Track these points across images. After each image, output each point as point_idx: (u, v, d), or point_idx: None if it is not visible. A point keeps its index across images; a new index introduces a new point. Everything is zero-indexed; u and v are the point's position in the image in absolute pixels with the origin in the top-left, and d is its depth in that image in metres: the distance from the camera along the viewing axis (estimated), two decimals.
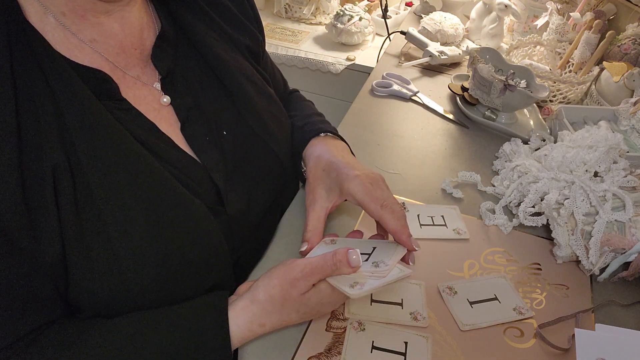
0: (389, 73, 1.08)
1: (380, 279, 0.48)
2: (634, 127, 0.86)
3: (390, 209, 0.55)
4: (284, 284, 0.50)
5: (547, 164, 0.74)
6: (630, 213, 0.62)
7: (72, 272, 0.46)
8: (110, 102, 0.51)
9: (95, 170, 0.46)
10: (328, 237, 0.59)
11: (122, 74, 0.54)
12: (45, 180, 0.44)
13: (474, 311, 0.59)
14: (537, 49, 1.14)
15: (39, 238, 0.44)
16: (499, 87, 0.88)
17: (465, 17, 1.38)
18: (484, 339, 0.56)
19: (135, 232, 0.47)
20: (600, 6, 1.12)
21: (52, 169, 0.44)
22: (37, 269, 0.45)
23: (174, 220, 0.50)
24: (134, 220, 0.47)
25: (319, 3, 1.62)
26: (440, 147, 0.88)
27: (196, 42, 0.61)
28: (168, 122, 0.57)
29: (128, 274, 0.47)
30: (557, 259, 0.66)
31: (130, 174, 0.48)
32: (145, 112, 0.54)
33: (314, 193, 0.61)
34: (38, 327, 0.47)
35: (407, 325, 0.57)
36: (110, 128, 0.48)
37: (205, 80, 0.61)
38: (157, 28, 0.59)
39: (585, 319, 0.59)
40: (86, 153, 0.46)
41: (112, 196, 0.47)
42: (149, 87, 0.56)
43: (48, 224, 0.44)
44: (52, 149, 0.45)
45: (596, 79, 1.00)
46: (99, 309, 0.49)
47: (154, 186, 0.49)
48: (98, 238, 0.46)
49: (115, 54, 0.54)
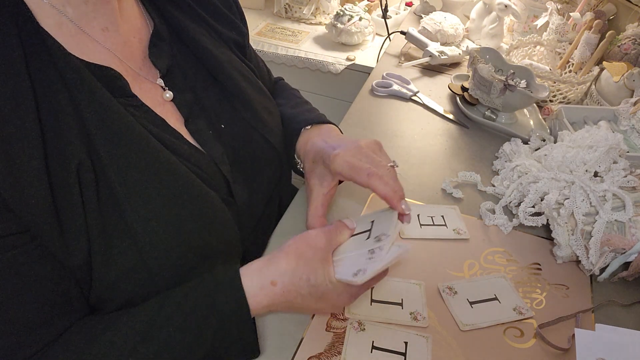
0: (389, 73, 1.08)
1: (380, 262, 0.47)
2: (634, 127, 0.86)
3: (377, 176, 0.54)
4: (300, 244, 0.51)
5: (547, 164, 0.74)
6: (630, 213, 0.62)
7: (96, 269, 0.46)
8: (123, 99, 0.51)
9: (116, 167, 0.46)
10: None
11: (128, 68, 0.54)
12: (71, 181, 0.44)
13: (474, 311, 0.59)
14: (537, 49, 1.14)
15: (67, 240, 0.44)
16: (499, 87, 0.88)
17: (465, 17, 1.38)
18: (484, 339, 0.56)
19: (159, 226, 0.48)
20: (600, 6, 1.12)
21: (77, 169, 0.45)
22: (65, 273, 0.45)
23: (194, 212, 0.51)
24: (157, 215, 0.48)
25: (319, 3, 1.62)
26: (440, 147, 0.88)
27: (187, 39, 0.61)
28: (174, 117, 0.57)
29: (153, 268, 0.48)
30: (557, 259, 0.66)
31: (150, 169, 0.48)
32: (152, 107, 0.54)
33: (309, 185, 0.63)
34: (65, 331, 0.47)
35: (407, 325, 0.57)
36: (127, 125, 0.48)
37: (199, 75, 0.62)
38: (150, 26, 0.59)
39: (585, 319, 0.59)
40: (106, 151, 0.46)
41: (133, 192, 0.47)
42: (152, 83, 0.57)
43: (76, 226, 0.44)
44: (75, 148, 0.45)
45: (596, 79, 1.00)
46: (119, 305, 0.49)
47: (173, 181, 0.50)
48: (122, 234, 0.46)
49: (122, 46, 0.54)
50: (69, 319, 0.47)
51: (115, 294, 0.48)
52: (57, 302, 0.45)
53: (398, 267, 0.64)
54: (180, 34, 0.61)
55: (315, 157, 0.63)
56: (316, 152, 0.63)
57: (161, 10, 0.61)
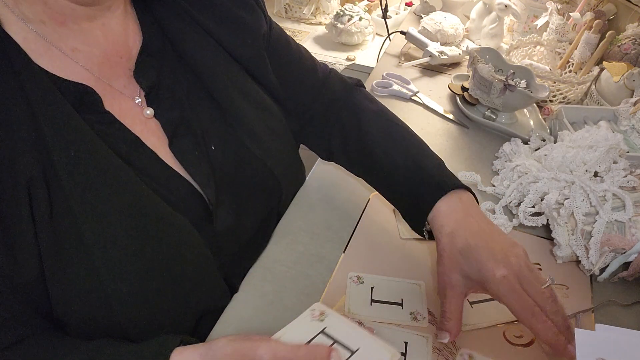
0: (389, 73, 1.08)
1: None
2: (634, 127, 0.86)
3: (542, 319, 0.48)
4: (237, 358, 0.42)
5: (547, 164, 0.74)
6: (630, 213, 0.62)
7: (51, 287, 0.45)
8: (91, 115, 0.50)
9: (73, 185, 0.45)
10: (318, 308, 0.48)
11: (107, 85, 0.53)
12: (20, 195, 0.43)
13: (474, 311, 0.59)
14: (537, 49, 1.14)
15: (15, 257, 0.43)
16: (499, 87, 0.88)
17: (465, 17, 1.38)
18: (483, 339, 0.56)
19: (115, 247, 0.46)
20: (600, 6, 1.12)
21: (27, 183, 0.43)
22: (10, 288, 0.44)
23: (156, 235, 0.49)
24: (114, 235, 0.46)
25: (319, 3, 1.62)
26: (440, 147, 0.88)
27: (184, 53, 0.58)
28: (155, 135, 0.55)
29: (108, 289, 0.46)
30: (557, 259, 0.66)
31: (110, 189, 0.47)
32: (130, 125, 0.53)
33: (451, 277, 0.53)
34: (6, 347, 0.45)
35: (407, 325, 0.57)
36: (89, 143, 0.47)
37: (193, 92, 0.59)
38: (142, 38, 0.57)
39: (585, 319, 0.59)
40: (64, 168, 0.45)
41: (91, 211, 0.46)
42: (134, 100, 0.55)
43: (24, 241, 0.43)
44: (27, 162, 0.44)
45: (596, 79, 1.00)
46: (82, 324, 0.48)
47: (134, 201, 0.48)
48: (77, 253, 0.45)
49: (99, 64, 0.52)
50: (13, 333, 0.45)
51: (72, 315, 0.47)
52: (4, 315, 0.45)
53: (398, 267, 0.64)
54: (177, 50, 0.59)
55: (467, 253, 0.52)
56: (468, 248, 0.52)
57: (160, 23, 0.58)
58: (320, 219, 0.71)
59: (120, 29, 0.55)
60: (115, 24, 0.54)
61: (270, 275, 0.62)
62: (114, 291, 0.47)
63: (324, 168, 0.80)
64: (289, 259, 0.65)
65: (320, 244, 0.67)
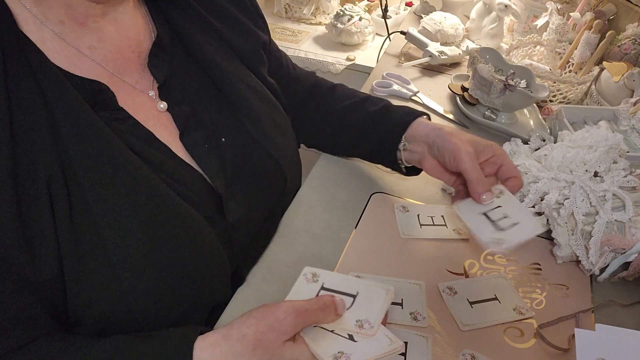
0: (389, 73, 1.08)
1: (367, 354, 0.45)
2: (634, 127, 0.86)
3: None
4: (261, 325, 0.44)
5: (547, 164, 0.74)
6: (630, 213, 0.62)
7: (69, 285, 0.45)
8: (106, 112, 0.50)
9: (91, 182, 0.46)
10: (309, 271, 0.53)
11: (120, 81, 0.53)
12: (40, 193, 0.44)
13: (474, 311, 0.59)
14: (537, 49, 1.14)
15: (36, 254, 0.43)
16: (499, 87, 0.88)
17: (465, 17, 1.38)
18: (484, 339, 0.56)
19: (132, 243, 0.47)
20: (600, 6, 1.12)
21: (47, 181, 0.44)
22: (24, 287, 0.44)
23: (171, 232, 0.50)
24: (131, 231, 0.47)
25: (319, 3, 1.62)
26: None
27: (192, 49, 0.60)
28: (167, 129, 0.56)
29: (125, 285, 0.47)
30: (557, 259, 0.66)
31: (127, 186, 0.47)
32: (143, 119, 0.53)
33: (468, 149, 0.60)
34: (18, 348, 0.45)
35: (407, 325, 0.57)
36: (106, 140, 0.47)
37: (203, 87, 0.60)
38: (153, 33, 0.58)
39: (585, 319, 0.59)
40: (82, 165, 0.45)
41: (108, 208, 0.46)
42: (148, 95, 0.56)
43: (45, 238, 0.44)
44: (46, 161, 0.44)
45: (596, 79, 1.00)
46: (98, 321, 0.48)
47: (150, 198, 0.49)
48: (95, 250, 0.46)
49: (113, 60, 0.53)
50: (22, 336, 0.45)
51: (90, 312, 0.47)
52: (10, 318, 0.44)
53: (398, 267, 0.64)
54: (185, 44, 0.60)
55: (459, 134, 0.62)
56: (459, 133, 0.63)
57: (168, 19, 0.60)
58: (320, 219, 0.71)
59: (131, 23, 0.56)
60: (127, 18, 0.55)
61: (270, 275, 0.62)
62: (131, 287, 0.47)
63: (324, 168, 0.80)
64: (289, 259, 0.65)
65: (320, 244, 0.67)
